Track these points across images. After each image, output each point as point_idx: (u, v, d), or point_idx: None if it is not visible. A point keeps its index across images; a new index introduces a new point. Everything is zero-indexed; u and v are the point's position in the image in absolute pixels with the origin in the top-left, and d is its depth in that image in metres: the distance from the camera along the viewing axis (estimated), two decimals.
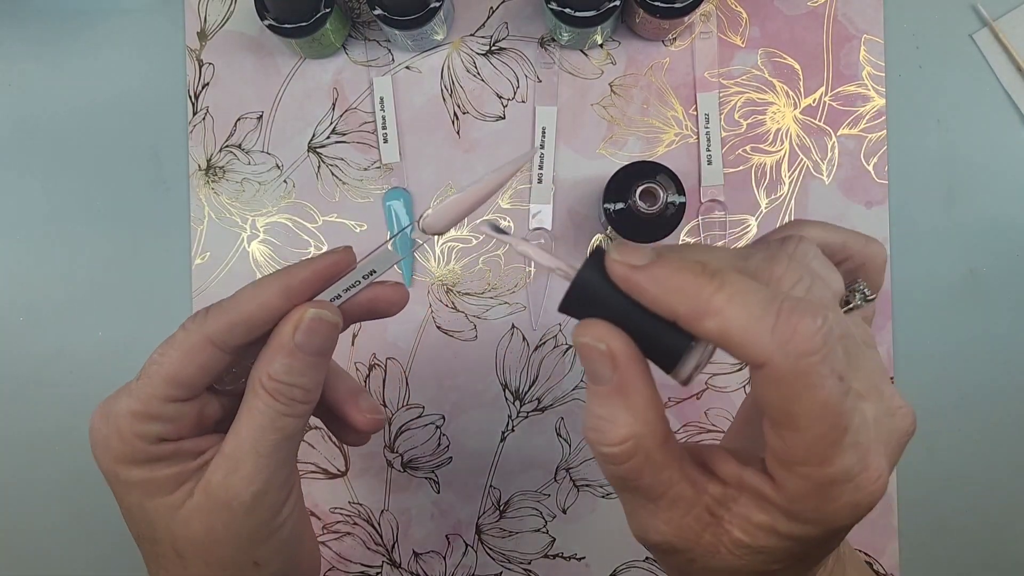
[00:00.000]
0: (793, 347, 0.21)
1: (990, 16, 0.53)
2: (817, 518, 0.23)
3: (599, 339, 0.24)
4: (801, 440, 0.22)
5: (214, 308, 0.31)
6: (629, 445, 0.24)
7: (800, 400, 0.22)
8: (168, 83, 0.54)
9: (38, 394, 0.55)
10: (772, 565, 0.25)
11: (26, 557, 0.55)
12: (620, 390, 0.24)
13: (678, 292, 0.23)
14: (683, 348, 0.24)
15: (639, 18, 0.50)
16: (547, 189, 0.53)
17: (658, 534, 0.25)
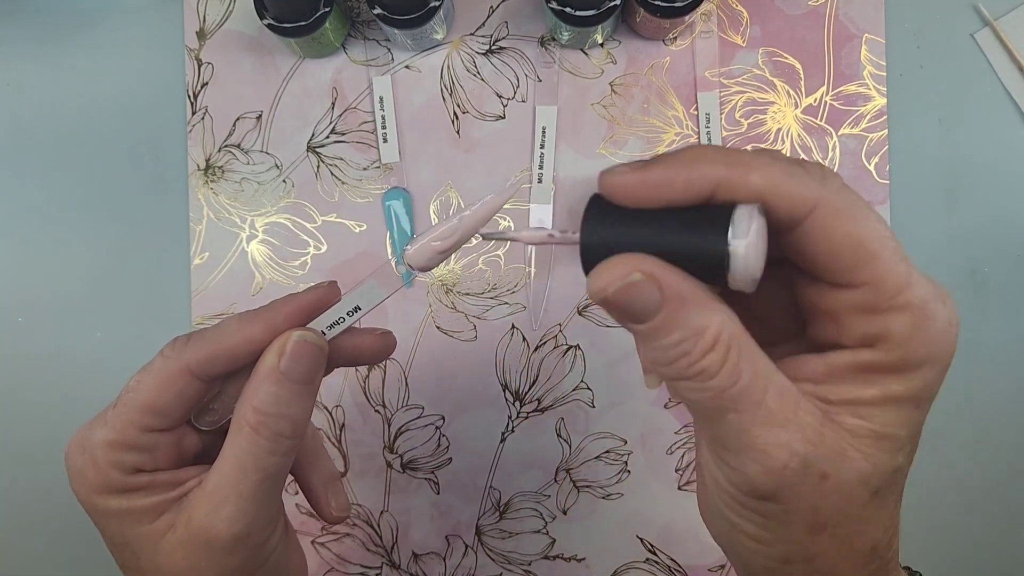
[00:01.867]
0: (831, 181, 0.22)
1: (991, 15, 0.53)
2: (929, 351, 0.23)
3: (626, 272, 0.22)
4: (885, 265, 0.22)
5: (195, 336, 0.30)
6: (723, 340, 0.22)
7: (865, 223, 0.22)
8: (167, 82, 0.54)
9: (37, 394, 0.54)
10: (897, 456, 0.24)
11: (26, 557, 0.55)
12: (680, 302, 0.22)
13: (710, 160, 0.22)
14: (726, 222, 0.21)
15: (639, 17, 0.50)
16: (547, 189, 0.53)
17: (782, 448, 0.22)
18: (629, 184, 0.22)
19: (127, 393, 0.30)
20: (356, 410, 0.54)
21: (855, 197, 0.22)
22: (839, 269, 0.22)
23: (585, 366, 0.54)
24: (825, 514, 0.24)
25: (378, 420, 0.54)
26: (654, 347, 0.23)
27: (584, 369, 0.54)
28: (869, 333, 0.23)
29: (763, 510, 0.24)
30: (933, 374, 0.23)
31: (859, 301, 0.23)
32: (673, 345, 0.22)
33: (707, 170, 0.22)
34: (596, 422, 0.54)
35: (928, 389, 0.24)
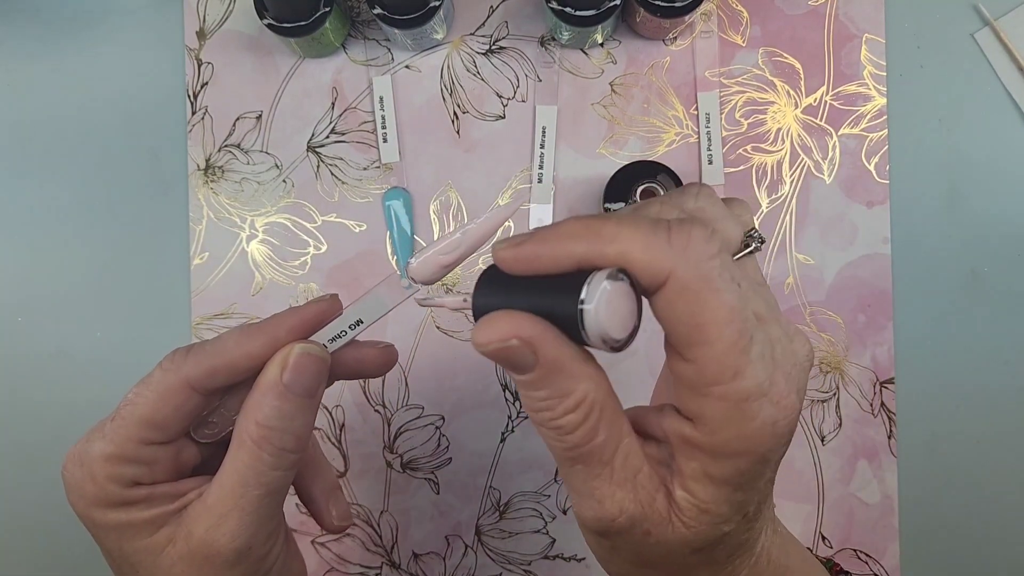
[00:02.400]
0: (692, 253, 0.22)
1: (991, 15, 0.53)
2: (741, 446, 0.23)
3: (505, 337, 0.23)
4: (712, 353, 0.22)
5: (195, 349, 0.30)
6: (585, 405, 0.24)
7: (706, 307, 0.22)
8: (167, 82, 0.54)
9: (37, 394, 0.54)
10: (721, 526, 0.25)
11: (25, 558, 0.55)
12: (552, 367, 0.23)
13: (572, 237, 0.23)
14: (579, 288, 0.23)
15: (640, 17, 0.50)
16: (547, 189, 0.53)
17: (615, 504, 0.25)
18: (507, 258, 0.24)
19: (125, 406, 0.30)
20: (356, 410, 0.54)
21: (715, 276, 0.22)
22: (674, 340, 0.23)
23: None
24: (647, 558, 0.26)
25: (378, 420, 0.54)
26: (524, 395, 0.25)
27: None
28: (690, 409, 0.24)
29: (597, 540, 0.27)
30: (747, 464, 0.24)
31: (688, 375, 0.23)
32: (540, 399, 0.24)
33: (568, 247, 0.23)
34: None
35: (743, 476, 0.24)
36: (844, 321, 0.53)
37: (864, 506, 0.54)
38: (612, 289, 0.22)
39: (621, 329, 0.23)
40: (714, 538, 0.25)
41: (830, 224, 0.53)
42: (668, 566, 0.26)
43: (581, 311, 0.22)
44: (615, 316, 0.23)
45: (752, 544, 0.27)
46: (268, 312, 0.53)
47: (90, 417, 0.54)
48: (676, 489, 0.25)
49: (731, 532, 0.26)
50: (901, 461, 0.54)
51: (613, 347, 0.23)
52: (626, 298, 0.23)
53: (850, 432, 0.53)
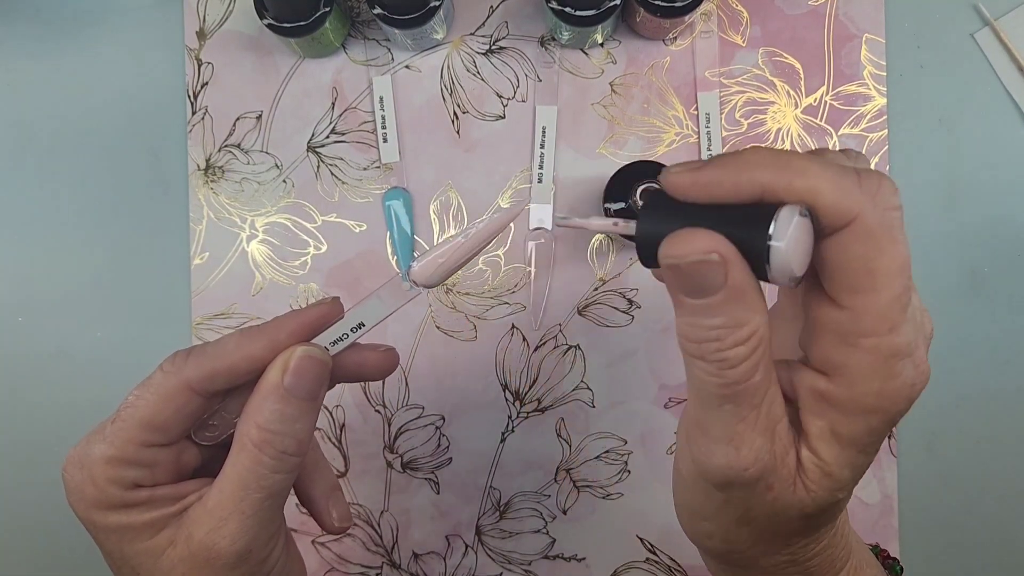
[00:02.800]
0: (880, 199, 0.22)
1: (991, 15, 0.53)
2: (878, 403, 0.23)
3: (708, 250, 0.22)
4: (876, 302, 0.22)
5: (196, 352, 0.30)
6: (755, 339, 0.23)
7: (884, 255, 0.22)
8: (167, 83, 0.54)
9: (37, 394, 0.54)
10: (837, 493, 0.25)
11: (25, 557, 0.55)
12: (736, 292, 0.22)
13: (759, 165, 0.23)
14: (768, 223, 0.22)
15: (640, 17, 0.50)
16: (547, 189, 0.53)
17: (751, 452, 0.24)
18: (683, 183, 0.23)
19: (125, 408, 0.30)
20: (356, 410, 0.54)
21: (897, 227, 0.22)
22: (839, 285, 0.23)
23: (585, 366, 0.54)
24: (755, 515, 0.26)
25: (378, 420, 0.54)
26: (693, 323, 0.24)
27: (584, 369, 0.54)
28: (831, 360, 0.24)
29: (708, 492, 0.26)
30: (877, 424, 0.24)
31: (839, 323, 0.23)
32: (712, 327, 0.23)
33: (754, 175, 0.22)
34: (596, 422, 0.54)
35: (871, 435, 0.24)
36: None
37: (864, 506, 0.54)
38: (802, 224, 0.22)
39: (801, 266, 0.22)
40: (827, 505, 0.25)
41: None
42: (771, 527, 0.26)
43: (770, 246, 0.22)
44: (800, 253, 0.22)
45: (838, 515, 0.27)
46: (268, 312, 0.53)
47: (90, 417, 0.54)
48: (802, 449, 0.25)
49: (841, 500, 0.25)
50: (901, 461, 0.54)
51: (793, 283, 0.23)
52: (808, 235, 0.22)
53: None
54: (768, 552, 0.27)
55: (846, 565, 0.30)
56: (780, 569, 0.28)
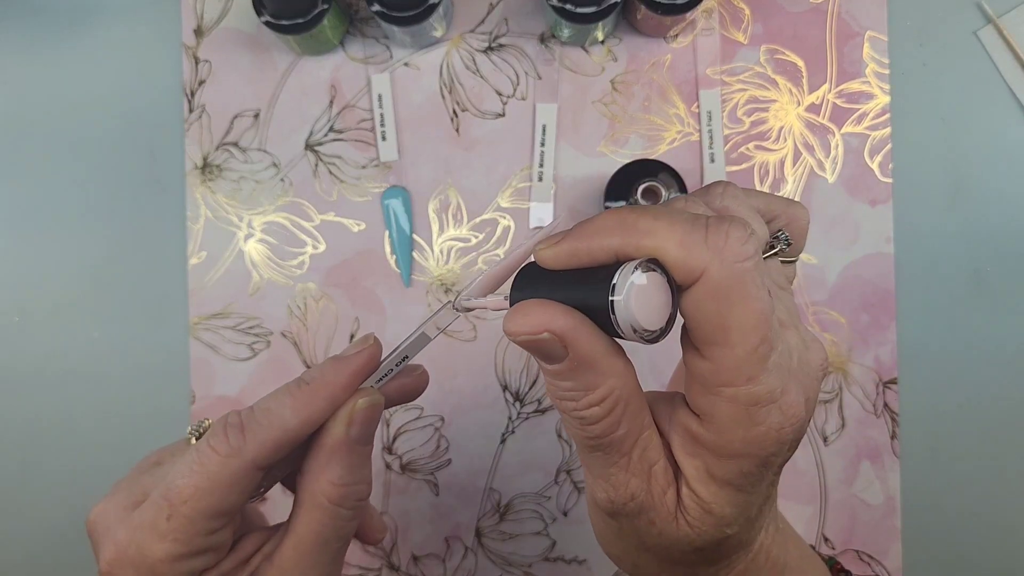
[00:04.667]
0: (728, 253, 0.22)
1: (994, 13, 0.52)
2: (745, 448, 0.24)
3: (537, 329, 0.23)
4: (732, 356, 0.22)
5: (251, 426, 0.29)
6: (609, 401, 0.24)
7: (735, 309, 0.22)
8: (164, 81, 0.54)
9: (34, 394, 0.54)
10: (724, 529, 0.25)
11: (24, 558, 0.55)
12: (581, 362, 0.23)
13: (608, 231, 0.23)
14: (610, 280, 0.23)
15: (640, 14, 0.49)
16: (547, 187, 0.53)
17: (627, 490, 0.25)
18: (547, 256, 0.24)
19: (182, 503, 0.28)
20: None
21: (748, 280, 0.22)
22: (697, 337, 0.23)
23: None
24: (649, 545, 0.26)
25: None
26: (549, 383, 0.25)
27: None
28: (700, 405, 0.24)
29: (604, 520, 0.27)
30: (749, 467, 0.24)
31: (703, 373, 0.23)
32: (566, 389, 0.24)
33: (604, 241, 0.23)
34: None
35: (745, 477, 0.24)
36: (847, 321, 0.53)
37: (867, 507, 0.53)
38: (643, 280, 0.22)
39: (653, 321, 0.23)
40: (716, 540, 0.26)
41: (833, 223, 0.53)
42: (667, 557, 0.27)
43: (612, 302, 0.22)
44: (647, 307, 0.22)
45: (751, 542, 0.27)
46: (266, 312, 0.53)
47: (90, 416, 0.54)
48: (682, 487, 0.25)
49: (730, 537, 0.26)
50: (904, 462, 0.53)
51: (645, 339, 0.23)
52: (659, 290, 0.23)
53: (853, 433, 0.53)
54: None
55: None
56: None
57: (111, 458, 0.54)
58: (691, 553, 0.26)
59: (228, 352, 0.53)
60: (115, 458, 0.54)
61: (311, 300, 0.53)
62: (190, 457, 0.28)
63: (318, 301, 0.53)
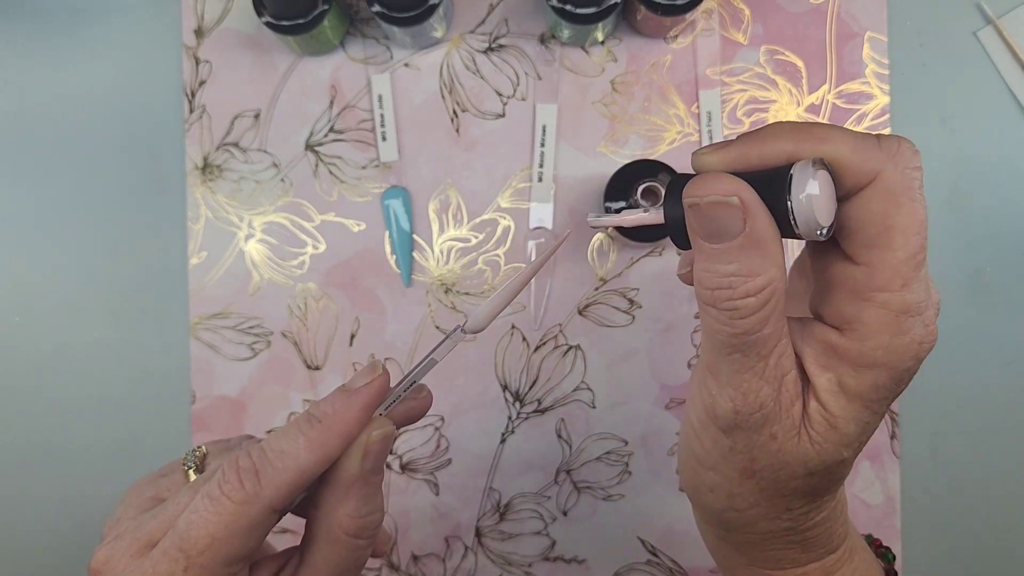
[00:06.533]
0: (901, 159, 0.23)
1: (994, 14, 0.52)
2: (887, 357, 0.24)
3: (729, 192, 0.23)
4: (892, 259, 0.23)
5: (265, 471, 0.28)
6: (768, 291, 0.24)
7: (902, 212, 0.23)
8: (164, 81, 0.54)
9: (34, 394, 0.54)
10: (843, 450, 0.25)
11: (23, 559, 0.55)
12: (754, 240, 0.23)
13: (782, 136, 0.24)
14: (786, 178, 0.23)
15: (640, 15, 0.49)
16: (547, 187, 0.53)
17: (757, 398, 0.25)
18: (712, 161, 0.25)
19: (200, 555, 0.27)
20: None
21: (916, 186, 0.23)
22: (857, 241, 0.24)
23: (585, 366, 0.53)
24: (760, 465, 0.26)
25: None
26: (708, 268, 0.24)
27: (584, 369, 0.53)
28: (844, 314, 0.24)
29: (715, 438, 0.27)
30: (884, 379, 0.24)
31: (854, 279, 0.24)
32: (725, 274, 0.24)
33: (778, 145, 0.24)
34: (597, 423, 0.53)
35: (878, 392, 0.25)
36: None
37: (867, 507, 0.53)
38: (820, 176, 0.23)
39: (826, 215, 0.23)
40: (832, 463, 0.26)
41: None
42: (774, 481, 0.26)
43: (791, 197, 0.23)
44: (822, 201, 0.23)
45: (843, 480, 0.28)
46: (267, 312, 0.53)
47: (88, 417, 0.54)
48: (810, 400, 0.25)
49: (845, 460, 0.26)
50: (904, 462, 0.53)
51: (819, 234, 0.23)
52: (828, 187, 0.23)
53: None
54: (769, 514, 0.27)
55: (843, 543, 0.30)
56: (778, 536, 0.28)
57: (111, 458, 0.54)
58: (800, 479, 0.26)
59: (228, 352, 0.53)
60: (115, 458, 0.54)
61: (311, 300, 0.53)
62: (202, 504, 0.27)
63: (318, 301, 0.53)
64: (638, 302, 0.53)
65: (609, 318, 0.53)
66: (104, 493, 0.54)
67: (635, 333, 0.53)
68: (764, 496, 0.27)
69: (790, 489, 0.27)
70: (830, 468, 0.26)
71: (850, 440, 0.25)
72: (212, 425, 0.53)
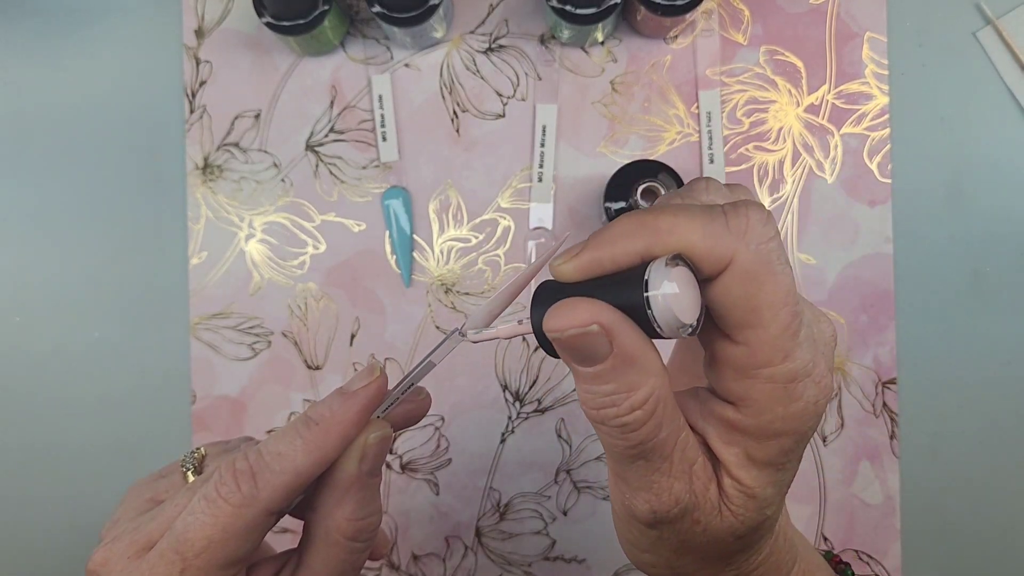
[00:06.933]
0: (752, 236, 0.22)
1: (993, 14, 0.53)
2: (785, 426, 0.24)
3: (586, 322, 0.22)
4: (766, 336, 0.23)
5: (262, 475, 0.28)
6: (652, 401, 0.23)
7: (764, 290, 0.22)
8: (165, 81, 0.54)
9: (35, 394, 0.54)
10: (765, 511, 0.25)
11: (23, 559, 0.55)
12: (624, 358, 0.23)
13: (629, 235, 0.23)
14: (642, 278, 0.23)
15: (640, 15, 0.49)
16: (547, 188, 0.53)
17: (671, 496, 0.25)
18: (568, 271, 0.24)
19: (196, 557, 0.27)
20: None
21: (774, 259, 0.23)
22: (728, 324, 0.23)
23: None
24: (690, 546, 0.26)
25: None
26: (587, 390, 0.24)
27: None
28: (734, 392, 0.24)
29: (641, 531, 0.27)
30: (790, 444, 0.24)
31: (736, 358, 0.23)
32: (605, 394, 0.23)
33: (627, 246, 0.23)
34: None
35: (786, 456, 0.25)
36: (846, 321, 0.53)
37: (866, 507, 0.53)
38: (676, 273, 0.22)
39: (689, 314, 0.23)
40: (758, 523, 0.26)
41: (832, 223, 0.53)
42: (708, 552, 0.27)
43: (648, 299, 0.22)
44: (683, 300, 0.22)
45: (776, 521, 0.28)
46: (267, 312, 0.53)
47: (88, 417, 0.54)
48: (723, 477, 0.25)
49: (770, 516, 0.26)
50: (903, 462, 0.53)
51: (684, 334, 0.23)
52: (690, 283, 0.23)
53: (852, 433, 0.53)
54: (714, 572, 0.28)
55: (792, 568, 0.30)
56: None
57: (111, 458, 0.54)
58: (732, 543, 0.26)
59: (229, 352, 0.53)
60: (115, 458, 0.54)
61: (311, 300, 0.53)
62: (199, 507, 0.27)
63: (318, 301, 0.53)
64: None
65: None
66: (104, 493, 0.54)
67: None
68: (704, 562, 0.27)
69: (725, 552, 0.27)
70: (757, 527, 0.26)
71: (771, 501, 0.25)
72: (212, 425, 0.53)
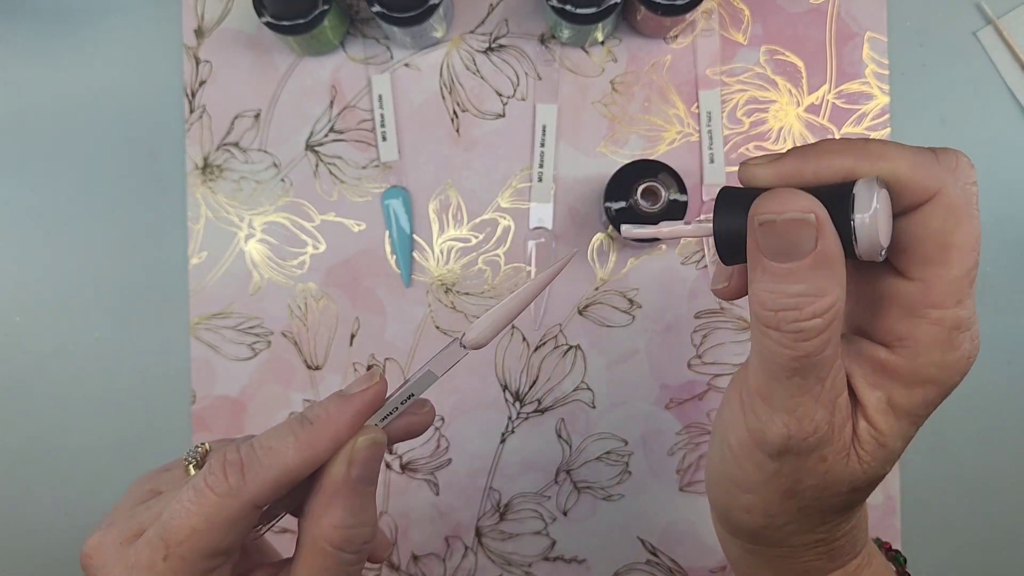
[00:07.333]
0: (960, 174, 0.23)
1: (994, 14, 0.52)
2: (938, 374, 0.24)
3: (806, 210, 0.22)
4: (947, 276, 0.23)
5: (251, 466, 0.28)
6: (833, 311, 0.23)
7: (961, 229, 0.23)
8: (165, 81, 0.54)
9: (35, 394, 0.54)
10: (887, 466, 0.26)
11: (23, 559, 0.55)
12: (824, 259, 0.22)
13: (838, 152, 0.23)
14: (849, 197, 0.23)
15: (640, 15, 0.49)
16: (547, 187, 0.53)
17: (812, 422, 0.24)
18: (765, 174, 0.24)
19: (179, 544, 0.27)
20: None
21: (974, 202, 0.23)
22: (912, 258, 0.23)
23: (585, 366, 0.53)
24: (803, 487, 0.26)
25: None
26: (774, 289, 0.23)
27: (584, 369, 0.53)
28: (895, 331, 0.24)
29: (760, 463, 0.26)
30: (934, 395, 0.25)
31: (908, 296, 0.24)
32: (791, 295, 0.23)
33: (835, 161, 0.23)
34: (597, 423, 0.53)
35: (927, 408, 0.25)
36: None
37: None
38: (881, 195, 0.22)
39: (887, 236, 0.23)
40: (876, 478, 0.26)
41: None
42: (816, 500, 0.26)
43: (854, 219, 0.22)
44: (883, 223, 0.23)
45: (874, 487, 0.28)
46: (267, 312, 0.53)
47: (89, 417, 0.54)
48: (859, 420, 0.25)
49: (885, 475, 0.26)
50: (903, 462, 0.53)
51: (876, 254, 0.23)
52: (887, 207, 0.23)
53: None
54: (803, 529, 0.27)
55: (863, 549, 0.30)
56: (809, 548, 0.28)
57: (111, 458, 0.54)
58: (845, 495, 0.26)
59: (229, 352, 0.53)
60: (115, 458, 0.54)
61: (311, 300, 0.53)
62: (187, 495, 0.27)
63: (318, 301, 0.53)
64: (638, 302, 0.53)
65: (609, 318, 0.53)
66: (104, 493, 0.54)
67: (635, 333, 0.53)
68: (803, 514, 0.27)
69: (829, 506, 0.26)
70: (873, 484, 0.26)
71: (896, 456, 0.25)
72: (212, 425, 0.53)
